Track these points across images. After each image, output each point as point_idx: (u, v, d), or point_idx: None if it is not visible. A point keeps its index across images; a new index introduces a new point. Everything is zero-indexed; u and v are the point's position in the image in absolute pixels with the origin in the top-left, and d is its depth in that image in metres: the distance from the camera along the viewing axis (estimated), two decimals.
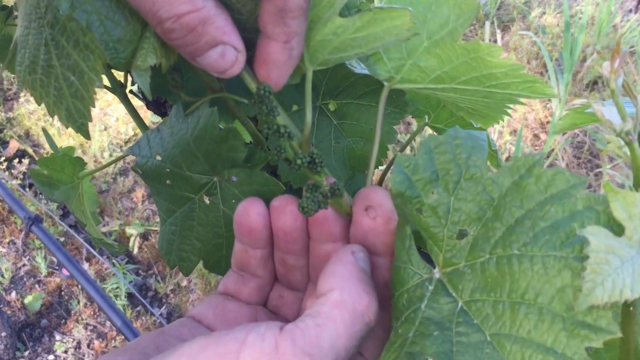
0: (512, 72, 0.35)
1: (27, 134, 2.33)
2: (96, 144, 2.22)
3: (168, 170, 0.36)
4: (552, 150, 2.01)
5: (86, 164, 0.48)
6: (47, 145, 2.28)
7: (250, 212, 0.33)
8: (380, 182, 0.48)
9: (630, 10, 2.51)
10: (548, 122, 2.12)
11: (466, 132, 0.31)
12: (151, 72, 0.33)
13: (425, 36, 0.35)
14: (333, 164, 0.44)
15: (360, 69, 0.39)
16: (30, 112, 2.38)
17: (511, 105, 0.43)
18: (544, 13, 2.53)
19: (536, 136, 2.12)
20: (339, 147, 0.43)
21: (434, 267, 0.30)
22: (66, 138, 2.25)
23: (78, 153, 2.24)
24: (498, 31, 2.46)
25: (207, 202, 0.36)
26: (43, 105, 0.31)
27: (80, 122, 0.29)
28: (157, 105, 0.55)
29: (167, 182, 0.36)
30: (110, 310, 0.97)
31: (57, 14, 0.28)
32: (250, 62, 0.33)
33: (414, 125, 1.97)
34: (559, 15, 2.49)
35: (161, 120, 0.40)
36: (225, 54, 0.30)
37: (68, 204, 0.46)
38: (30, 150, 2.24)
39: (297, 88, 0.41)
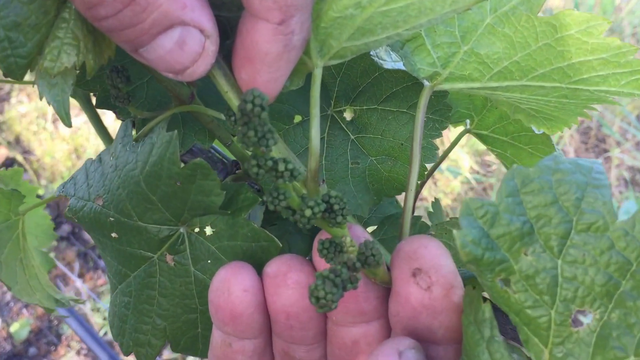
0: (616, 59, 0.24)
1: (18, 140, 2.21)
2: (92, 147, 2.10)
3: (112, 219, 0.25)
4: (561, 137, 1.94)
5: (24, 196, 0.36)
6: (38, 152, 2.17)
7: (232, 288, 0.22)
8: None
9: None
10: None
11: (572, 161, 0.19)
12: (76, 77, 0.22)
13: (488, 7, 0.24)
14: (351, 190, 0.32)
15: (390, 62, 0.27)
16: (22, 114, 2.25)
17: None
18: None
19: None
20: (358, 170, 0.32)
21: None
22: (59, 142, 2.13)
23: (72, 158, 2.12)
24: None
25: (172, 263, 0.25)
26: (36, 106, 0.20)
27: None
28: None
29: (113, 235, 0.25)
30: (97, 347, 0.86)
31: None
32: (227, 56, 0.22)
33: None
34: None
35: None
36: (185, 42, 0.19)
37: None
38: (20, 158, 2.13)
39: (300, 91, 0.30)
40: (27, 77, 0.22)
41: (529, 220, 0.19)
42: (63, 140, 2.17)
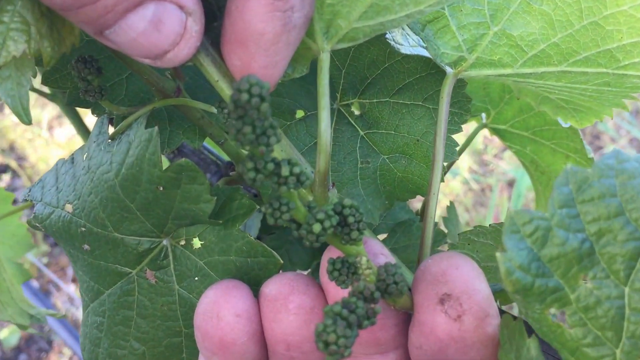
0: None
1: (12, 147, 2.19)
2: None
3: (84, 229, 0.21)
4: None
5: None
6: (32, 158, 2.14)
7: (222, 312, 0.19)
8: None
9: None
10: None
11: (639, 158, 0.16)
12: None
13: None
14: (360, 194, 0.29)
15: (408, 46, 0.24)
16: (17, 123, 2.23)
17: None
18: None
19: None
20: (368, 170, 0.29)
21: None
22: (55, 148, 2.10)
23: None
24: None
25: (153, 280, 0.22)
26: None
27: None
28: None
29: (85, 247, 0.22)
30: None
31: None
32: (216, 41, 0.18)
33: None
34: None
35: None
36: (161, 21, 0.16)
37: None
38: (14, 164, 2.10)
39: (302, 83, 0.26)
40: None
41: (588, 238, 0.15)
42: (59, 146, 2.14)
